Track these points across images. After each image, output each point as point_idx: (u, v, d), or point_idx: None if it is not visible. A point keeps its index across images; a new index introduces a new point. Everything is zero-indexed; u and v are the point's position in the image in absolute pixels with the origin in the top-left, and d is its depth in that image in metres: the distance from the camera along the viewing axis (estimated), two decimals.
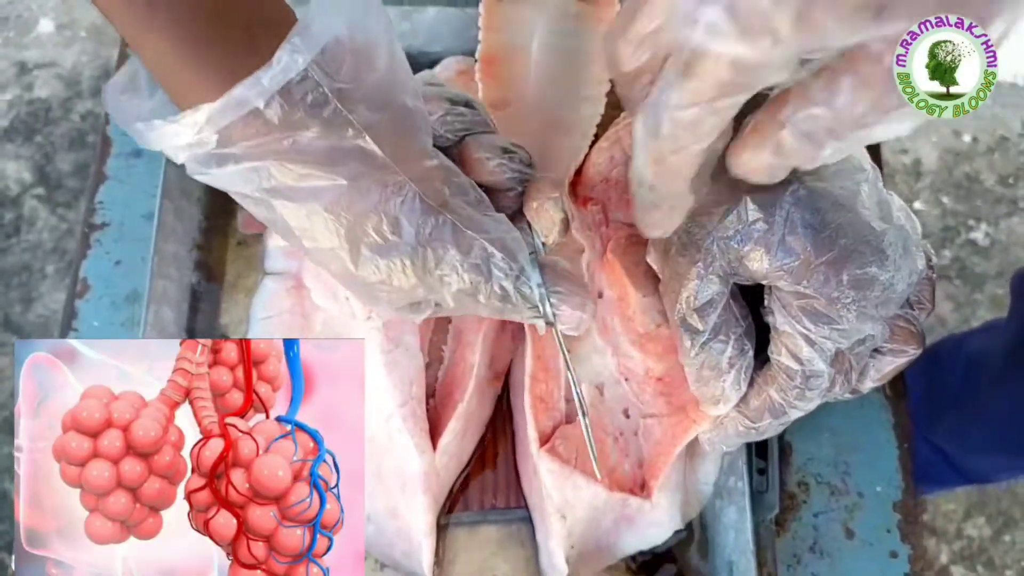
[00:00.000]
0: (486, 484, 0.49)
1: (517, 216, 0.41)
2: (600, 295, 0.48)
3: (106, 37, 1.64)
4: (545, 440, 0.46)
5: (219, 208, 0.55)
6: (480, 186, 0.39)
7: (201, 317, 0.53)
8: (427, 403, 0.47)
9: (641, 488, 0.47)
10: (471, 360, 0.47)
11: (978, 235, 1.51)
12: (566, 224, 0.40)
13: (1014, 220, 1.51)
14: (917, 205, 1.52)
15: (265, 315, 0.51)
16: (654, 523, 0.47)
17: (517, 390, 0.48)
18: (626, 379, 0.48)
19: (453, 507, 0.48)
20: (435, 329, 0.49)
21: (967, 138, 1.56)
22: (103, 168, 0.58)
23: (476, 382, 0.47)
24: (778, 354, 0.41)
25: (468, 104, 0.40)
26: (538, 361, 0.47)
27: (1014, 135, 1.56)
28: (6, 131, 1.59)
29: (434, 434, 0.46)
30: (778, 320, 0.40)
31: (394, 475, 0.46)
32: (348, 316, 0.47)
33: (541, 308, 0.38)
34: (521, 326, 0.48)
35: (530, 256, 0.38)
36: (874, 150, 0.56)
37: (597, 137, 0.51)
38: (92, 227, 0.56)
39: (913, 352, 0.42)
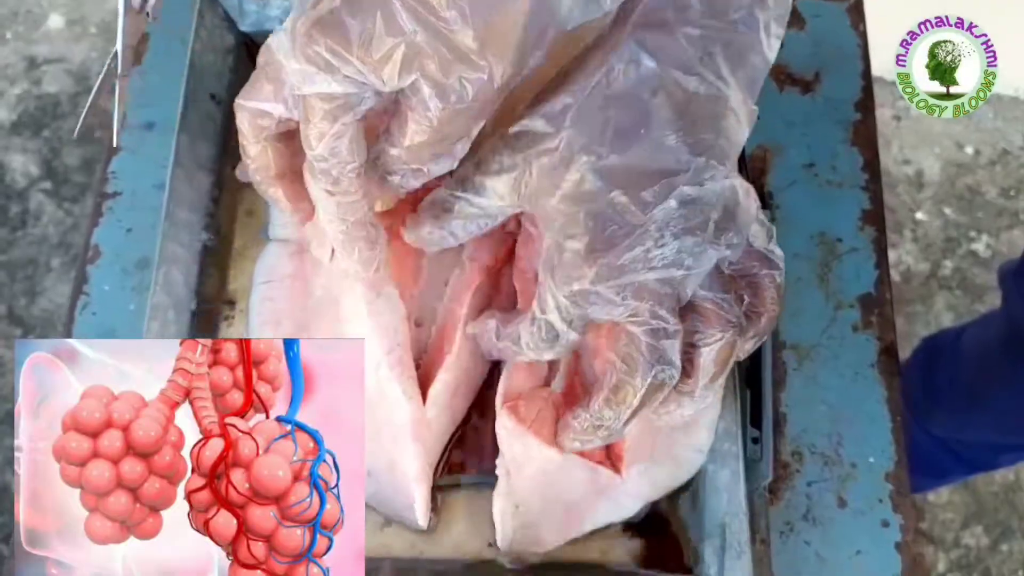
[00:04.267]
0: (484, 447, 0.49)
1: None
2: None
3: (115, 34, 1.65)
4: (511, 400, 0.46)
5: (230, 178, 0.56)
6: None
7: (210, 283, 0.53)
8: (420, 360, 0.48)
9: (612, 461, 0.47)
10: (459, 313, 0.48)
11: (979, 246, 1.52)
12: None
13: (1015, 232, 1.52)
14: (919, 216, 1.53)
15: (266, 279, 0.51)
16: (627, 494, 0.47)
17: None
18: (581, 356, 0.48)
19: (452, 469, 0.49)
20: (425, 291, 0.50)
21: (969, 150, 1.57)
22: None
23: (463, 334, 0.48)
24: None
25: None
26: None
27: (1015, 148, 1.57)
28: (14, 125, 1.60)
29: (426, 388, 0.47)
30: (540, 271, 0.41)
31: (387, 427, 0.47)
32: (340, 274, 0.47)
33: None
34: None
35: None
36: (877, 162, 0.57)
37: None
38: (104, 196, 0.58)
39: (722, 335, 0.40)
